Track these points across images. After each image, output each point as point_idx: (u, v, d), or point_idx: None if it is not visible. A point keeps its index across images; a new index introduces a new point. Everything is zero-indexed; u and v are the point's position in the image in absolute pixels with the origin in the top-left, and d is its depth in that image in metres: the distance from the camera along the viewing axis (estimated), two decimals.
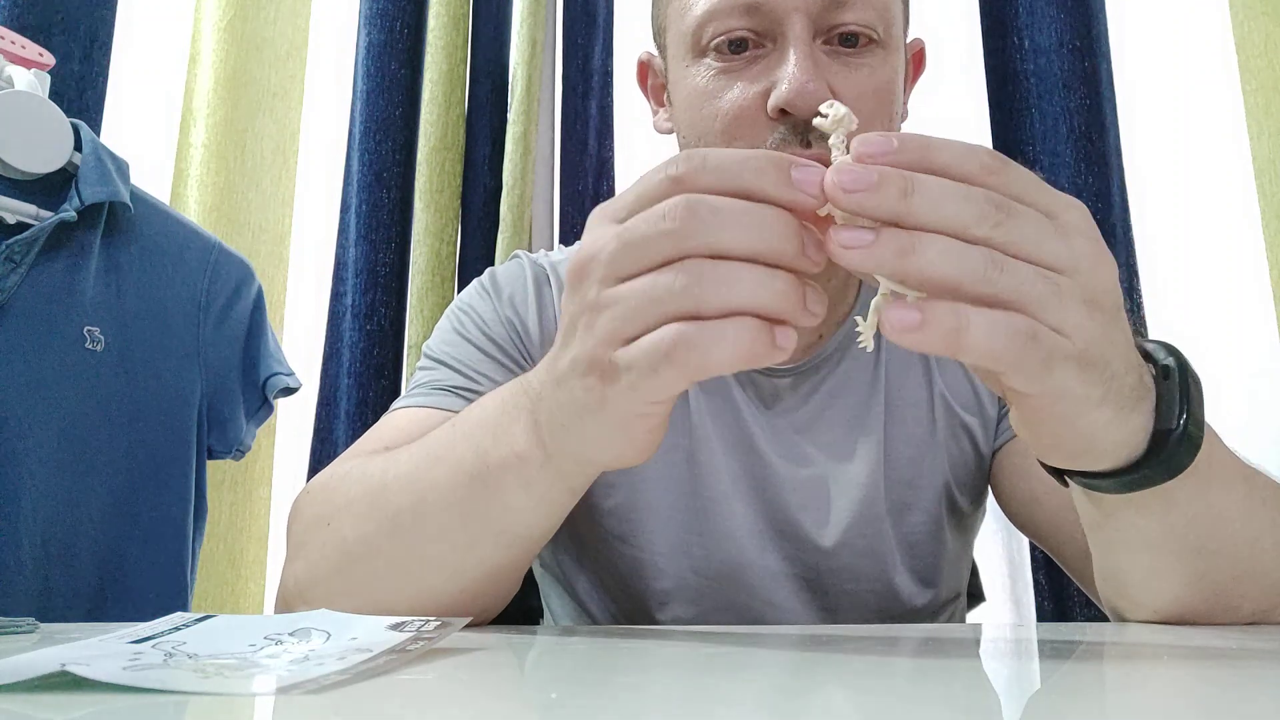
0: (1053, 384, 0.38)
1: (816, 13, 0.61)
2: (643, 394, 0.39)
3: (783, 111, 0.60)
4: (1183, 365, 0.44)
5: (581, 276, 0.40)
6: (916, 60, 0.72)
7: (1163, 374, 0.44)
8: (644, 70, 0.76)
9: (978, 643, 0.52)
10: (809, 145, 0.61)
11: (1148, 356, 0.45)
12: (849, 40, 0.62)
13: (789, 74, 0.59)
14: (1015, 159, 0.39)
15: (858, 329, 0.39)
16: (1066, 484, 0.48)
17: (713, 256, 0.36)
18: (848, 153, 0.38)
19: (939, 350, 0.36)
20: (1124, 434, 0.42)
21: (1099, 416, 0.40)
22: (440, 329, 0.74)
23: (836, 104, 0.41)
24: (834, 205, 0.36)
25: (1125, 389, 0.41)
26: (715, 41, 0.63)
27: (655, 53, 0.74)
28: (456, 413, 0.65)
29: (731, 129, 0.63)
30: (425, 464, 0.52)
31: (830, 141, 0.40)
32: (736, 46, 0.62)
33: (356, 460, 0.59)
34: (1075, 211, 0.38)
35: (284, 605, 0.57)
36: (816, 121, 0.41)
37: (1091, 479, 0.45)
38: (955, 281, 0.35)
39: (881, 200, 0.35)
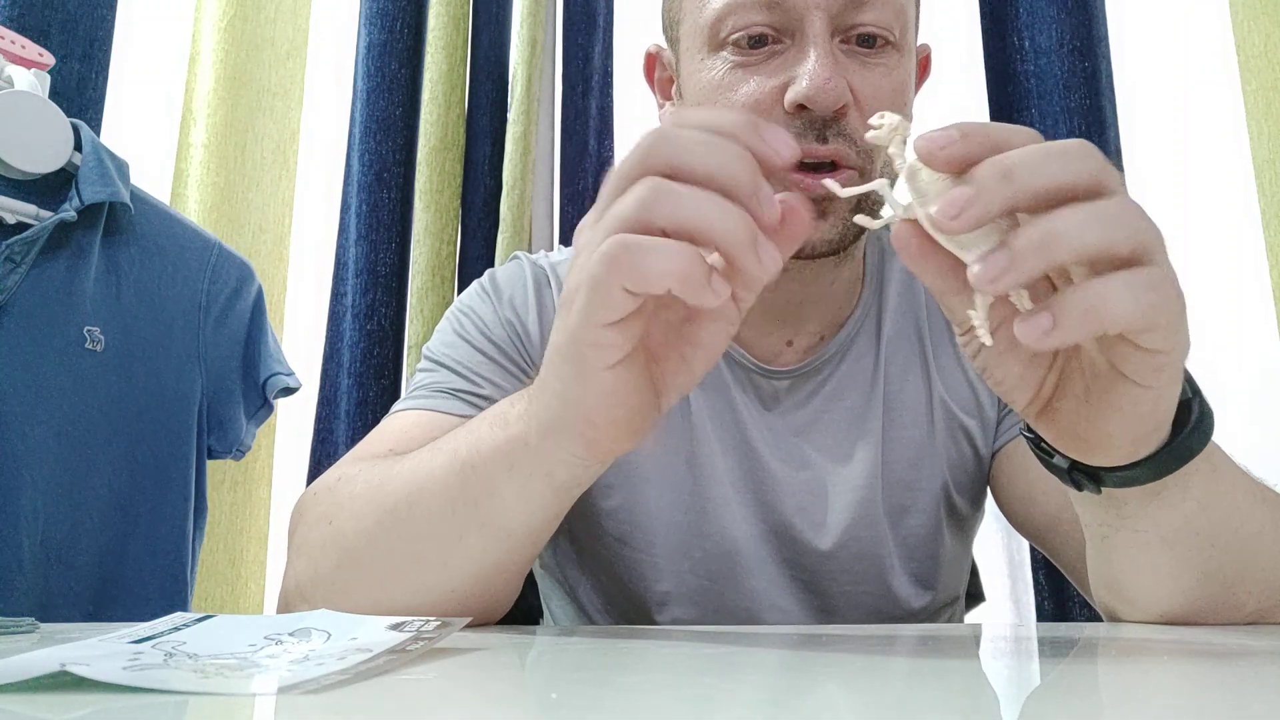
0: (1185, 335, 0.40)
1: (836, 11, 0.61)
2: (591, 311, 0.40)
3: (800, 107, 0.61)
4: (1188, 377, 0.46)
5: (577, 234, 0.41)
6: (923, 66, 0.72)
7: None
8: (651, 62, 0.75)
9: (977, 643, 0.52)
10: (825, 141, 0.61)
11: None
12: (866, 41, 0.63)
13: (809, 70, 0.60)
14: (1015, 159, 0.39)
15: (975, 324, 0.39)
16: (1080, 488, 0.48)
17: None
18: (907, 155, 0.38)
19: (1086, 336, 0.38)
20: (1165, 424, 0.44)
21: (1170, 397, 0.42)
22: (440, 331, 0.74)
23: (886, 114, 0.40)
24: (946, 234, 0.37)
25: (1179, 377, 0.42)
26: (734, 36, 0.63)
27: (664, 45, 0.74)
28: (456, 416, 0.66)
29: None
30: (428, 455, 0.53)
31: (890, 151, 0.40)
32: (755, 42, 0.62)
33: (361, 463, 0.59)
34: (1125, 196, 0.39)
35: (285, 605, 0.57)
36: (870, 135, 0.41)
37: (1128, 471, 0.45)
38: (1087, 228, 0.36)
39: (991, 195, 0.36)
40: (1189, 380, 0.45)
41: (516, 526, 0.51)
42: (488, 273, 0.77)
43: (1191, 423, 0.44)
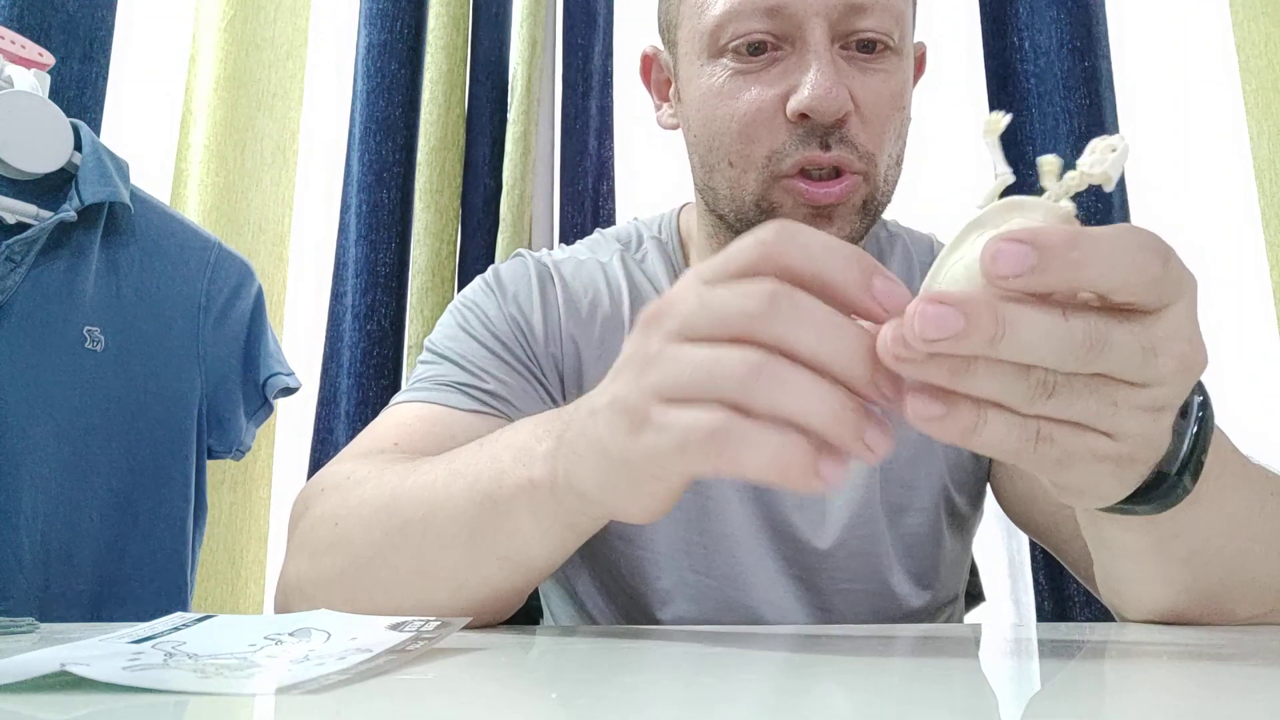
0: (1075, 479, 0.37)
1: (836, 18, 0.61)
2: (664, 462, 0.37)
3: (802, 115, 0.61)
4: (1205, 401, 0.43)
5: (653, 322, 0.38)
6: (919, 63, 0.73)
7: (1180, 410, 0.41)
8: (648, 64, 0.75)
9: (977, 643, 0.52)
10: (827, 148, 0.61)
11: None
12: (866, 46, 0.63)
13: (811, 79, 0.60)
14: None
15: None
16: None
17: (785, 354, 0.34)
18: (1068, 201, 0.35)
19: (951, 440, 0.35)
20: (1120, 493, 0.41)
21: (1118, 491, 0.39)
22: (443, 324, 0.73)
23: (1053, 159, 0.37)
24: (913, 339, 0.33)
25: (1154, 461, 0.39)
26: (734, 43, 0.63)
27: (661, 47, 0.74)
28: (460, 410, 0.66)
29: (748, 130, 0.63)
30: (445, 478, 0.51)
31: (1050, 192, 0.36)
32: (755, 49, 0.62)
33: (367, 461, 0.59)
34: (1184, 303, 0.34)
35: (283, 599, 0.57)
36: (1045, 183, 0.36)
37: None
38: (999, 403, 0.34)
39: (968, 345, 0.32)
40: (1196, 443, 0.41)
41: (535, 560, 0.50)
42: (491, 268, 0.77)
43: (1157, 492, 0.41)
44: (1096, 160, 0.36)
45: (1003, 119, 0.38)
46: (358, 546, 0.53)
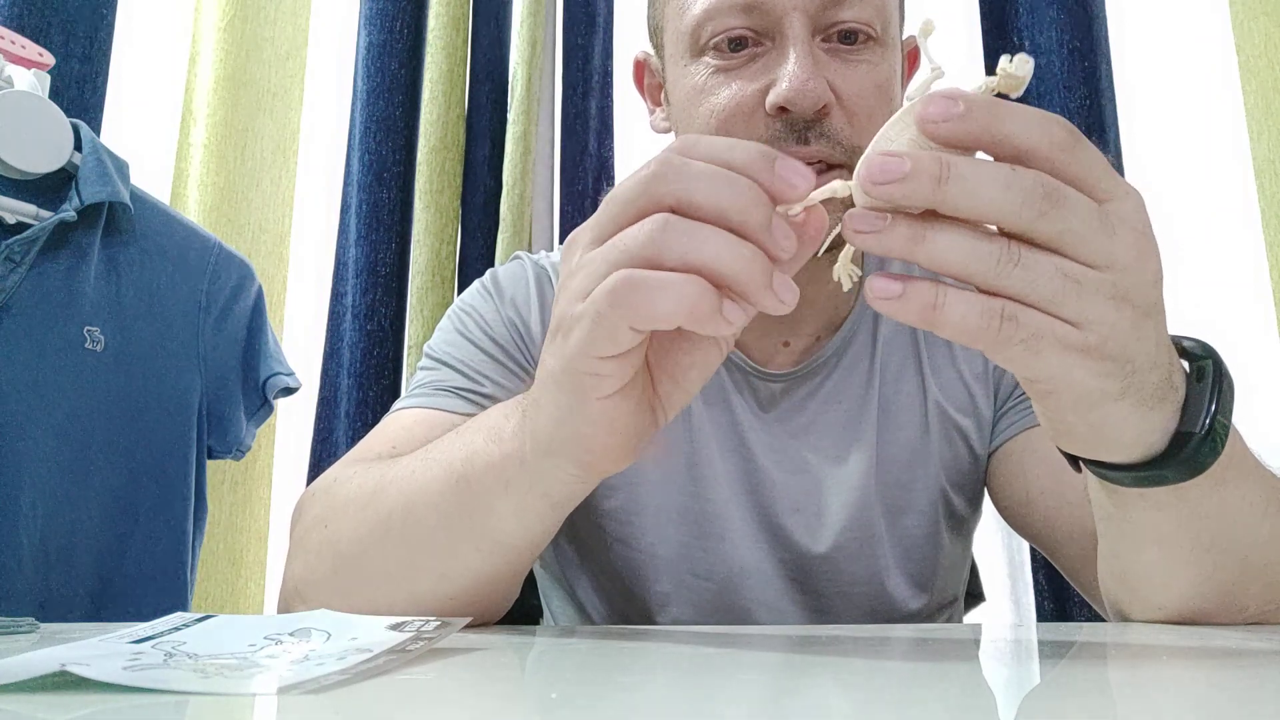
0: (1046, 370, 0.37)
1: (815, 11, 0.61)
2: (591, 344, 0.39)
3: (781, 109, 0.60)
4: (1218, 366, 0.44)
5: (567, 250, 0.40)
6: (911, 58, 0.72)
7: (1196, 374, 0.43)
8: (640, 70, 0.76)
9: (977, 643, 0.52)
10: (807, 143, 0.61)
11: (1184, 353, 0.44)
12: (847, 38, 0.62)
13: (789, 72, 0.60)
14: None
15: (835, 268, 0.40)
16: (1080, 469, 0.48)
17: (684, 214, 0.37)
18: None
19: (914, 322, 0.36)
20: (1142, 430, 0.42)
21: (1116, 410, 0.40)
22: (442, 329, 0.74)
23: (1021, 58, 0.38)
24: (866, 194, 0.35)
25: (1148, 386, 0.40)
26: (714, 40, 0.63)
27: (651, 52, 0.74)
28: (459, 414, 0.66)
29: (728, 125, 0.63)
30: (421, 466, 0.52)
31: (977, 85, 0.38)
32: (735, 45, 0.62)
33: (359, 464, 0.59)
34: (1130, 201, 0.37)
35: (284, 604, 0.57)
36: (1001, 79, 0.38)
37: (1106, 469, 0.45)
38: (965, 275, 0.35)
39: (913, 189, 0.34)
40: (1217, 403, 0.42)
41: (514, 540, 0.50)
42: (489, 272, 0.77)
43: (1184, 454, 0.42)
44: (1017, 65, 0.38)
45: (934, 24, 0.42)
46: (345, 545, 0.53)
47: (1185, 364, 0.44)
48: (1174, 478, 0.43)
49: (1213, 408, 0.42)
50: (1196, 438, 0.42)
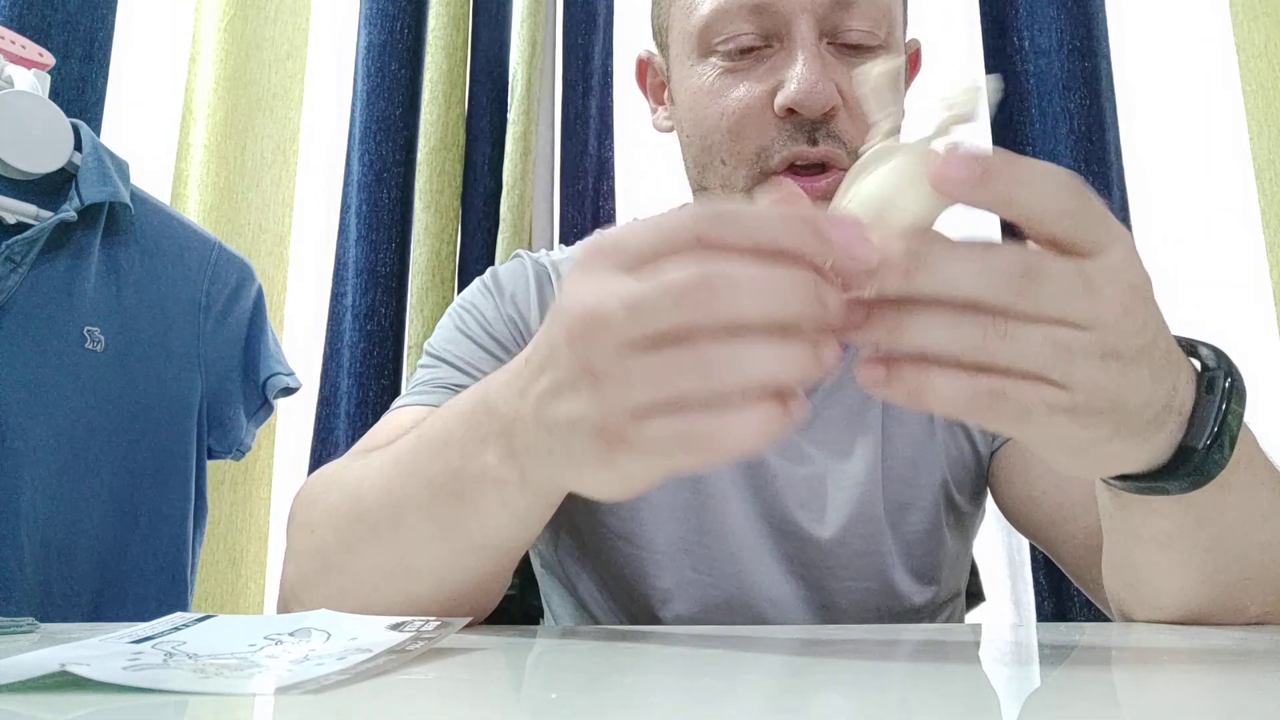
0: (1034, 432, 0.37)
1: (823, 14, 0.61)
2: (654, 468, 0.37)
3: (789, 110, 0.61)
4: (1231, 375, 0.43)
5: (582, 333, 0.36)
6: (913, 61, 0.73)
7: (1206, 385, 0.42)
8: (643, 68, 0.76)
9: (978, 643, 0.52)
10: (815, 143, 0.62)
11: (1195, 354, 0.44)
12: (854, 42, 0.63)
13: (798, 74, 0.60)
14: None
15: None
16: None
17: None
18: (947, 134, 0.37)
19: (903, 403, 0.36)
20: (1138, 457, 0.41)
21: (1108, 449, 0.39)
22: (442, 326, 0.74)
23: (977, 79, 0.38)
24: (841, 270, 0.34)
25: (1139, 423, 0.39)
26: (722, 42, 0.63)
27: (655, 51, 0.74)
28: None
29: (737, 127, 0.63)
30: (398, 479, 0.50)
31: (940, 119, 0.37)
32: (743, 47, 0.63)
33: (344, 463, 0.59)
34: (1117, 250, 0.36)
35: (282, 605, 0.57)
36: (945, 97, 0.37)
37: (1115, 477, 0.45)
38: (952, 355, 0.35)
39: (882, 282, 0.34)
40: (1223, 417, 0.42)
41: (514, 541, 0.50)
42: (490, 270, 0.77)
43: (1187, 468, 0.42)
44: (956, 99, 0.37)
45: (877, 67, 0.41)
46: (333, 550, 0.53)
47: (1197, 364, 0.44)
48: (1176, 489, 0.43)
49: (1218, 422, 0.41)
50: (1200, 452, 0.41)
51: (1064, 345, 0.35)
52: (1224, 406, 0.42)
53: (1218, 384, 0.42)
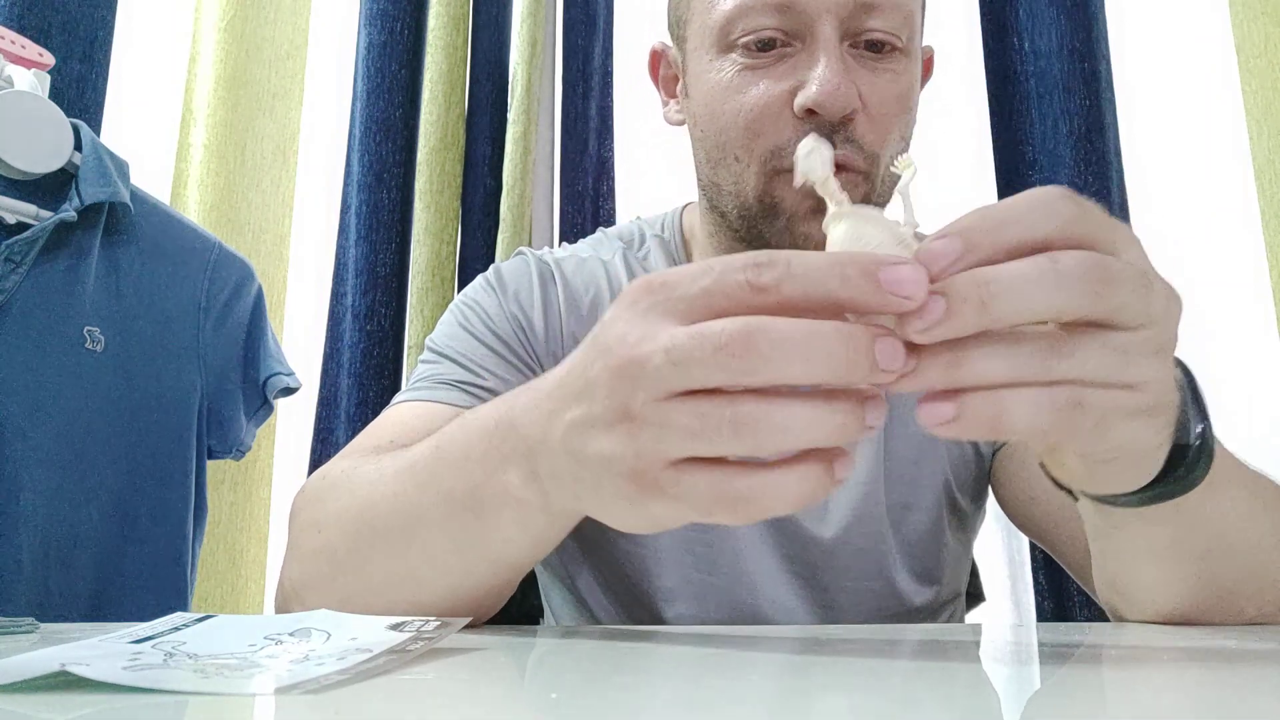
0: (1116, 440, 0.36)
1: (846, 16, 0.61)
2: (683, 515, 0.36)
3: (810, 111, 0.61)
4: (1188, 374, 0.44)
5: (622, 375, 0.35)
6: (926, 67, 0.73)
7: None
8: (656, 60, 0.75)
9: (978, 644, 0.52)
10: (833, 145, 0.61)
11: None
12: (874, 46, 0.63)
13: (819, 75, 0.60)
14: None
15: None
16: (1075, 497, 0.48)
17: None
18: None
19: (980, 437, 0.34)
20: (1159, 459, 0.41)
21: (1159, 453, 0.40)
22: (444, 323, 0.74)
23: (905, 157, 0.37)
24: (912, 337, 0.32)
25: (1174, 419, 0.39)
26: (743, 38, 0.63)
27: (669, 43, 0.74)
28: (459, 408, 0.66)
29: (755, 124, 0.63)
30: (414, 489, 0.50)
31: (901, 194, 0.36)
32: (764, 44, 0.63)
33: (351, 461, 0.59)
34: (1138, 246, 0.35)
35: (282, 603, 0.57)
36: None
37: (1106, 495, 0.45)
38: (1016, 382, 0.33)
39: (960, 324, 0.32)
40: (1202, 412, 0.42)
41: (526, 558, 0.50)
42: (493, 267, 0.77)
43: (1182, 468, 0.42)
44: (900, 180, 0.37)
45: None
46: (341, 553, 0.53)
47: None
48: (1176, 492, 0.43)
49: (1201, 417, 0.42)
50: (1192, 449, 0.41)
51: (1123, 348, 0.33)
52: (1198, 401, 0.42)
53: (1182, 383, 0.42)
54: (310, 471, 1.26)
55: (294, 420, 1.32)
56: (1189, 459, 0.42)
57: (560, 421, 0.39)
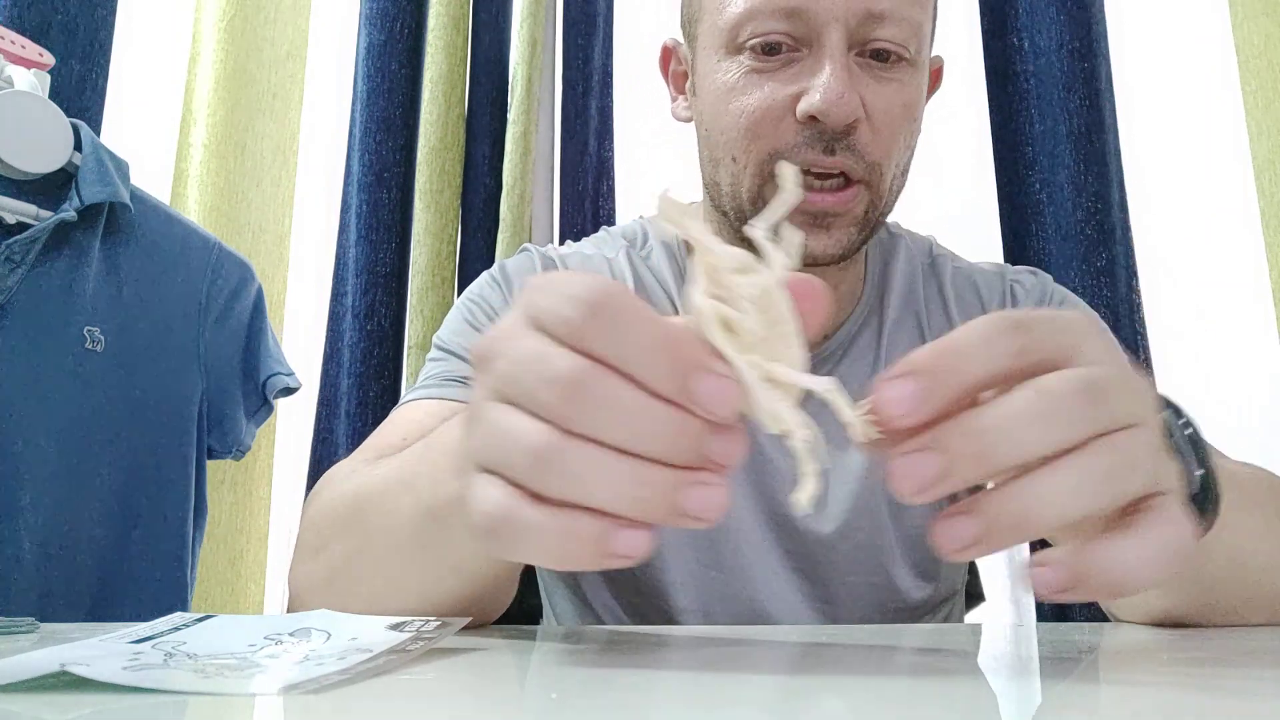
0: (1169, 543, 0.33)
1: (855, 25, 0.62)
2: (477, 539, 0.33)
3: (811, 118, 0.61)
4: (1189, 422, 0.41)
5: (481, 362, 0.34)
6: (934, 77, 0.73)
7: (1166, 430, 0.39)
8: (667, 56, 0.76)
9: (978, 644, 0.52)
10: (833, 153, 0.62)
11: None
12: (881, 55, 0.63)
13: (824, 83, 0.60)
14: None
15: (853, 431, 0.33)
16: None
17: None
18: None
19: (1021, 543, 0.32)
20: None
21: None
22: (450, 320, 0.74)
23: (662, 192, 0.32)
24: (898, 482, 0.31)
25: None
26: (752, 41, 0.63)
27: (681, 40, 0.74)
28: (466, 404, 0.65)
29: (756, 127, 0.64)
30: (396, 484, 0.49)
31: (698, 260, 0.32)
32: (771, 49, 0.63)
33: (355, 463, 0.59)
34: (1091, 341, 0.32)
35: (291, 603, 0.58)
36: (659, 221, 0.32)
37: None
38: (1092, 512, 0.31)
39: (962, 481, 0.31)
40: (1197, 455, 0.40)
41: (487, 570, 0.48)
42: (497, 263, 0.77)
43: (1198, 503, 0.40)
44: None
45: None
46: (335, 555, 0.53)
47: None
48: (1200, 529, 0.41)
49: (1200, 461, 0.39)
50: (1198, 489, 0.40)
51: (1150, 448, 0.32)
52: (1195, 451, 0.39)
53: (1174, 431, 0.40)
54: (310, 471, 1.27)
55: (294, 420, 1.33)
56: (1199, 499, 0.40)
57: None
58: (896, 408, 0.31)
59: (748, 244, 0.33)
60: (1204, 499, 0.40)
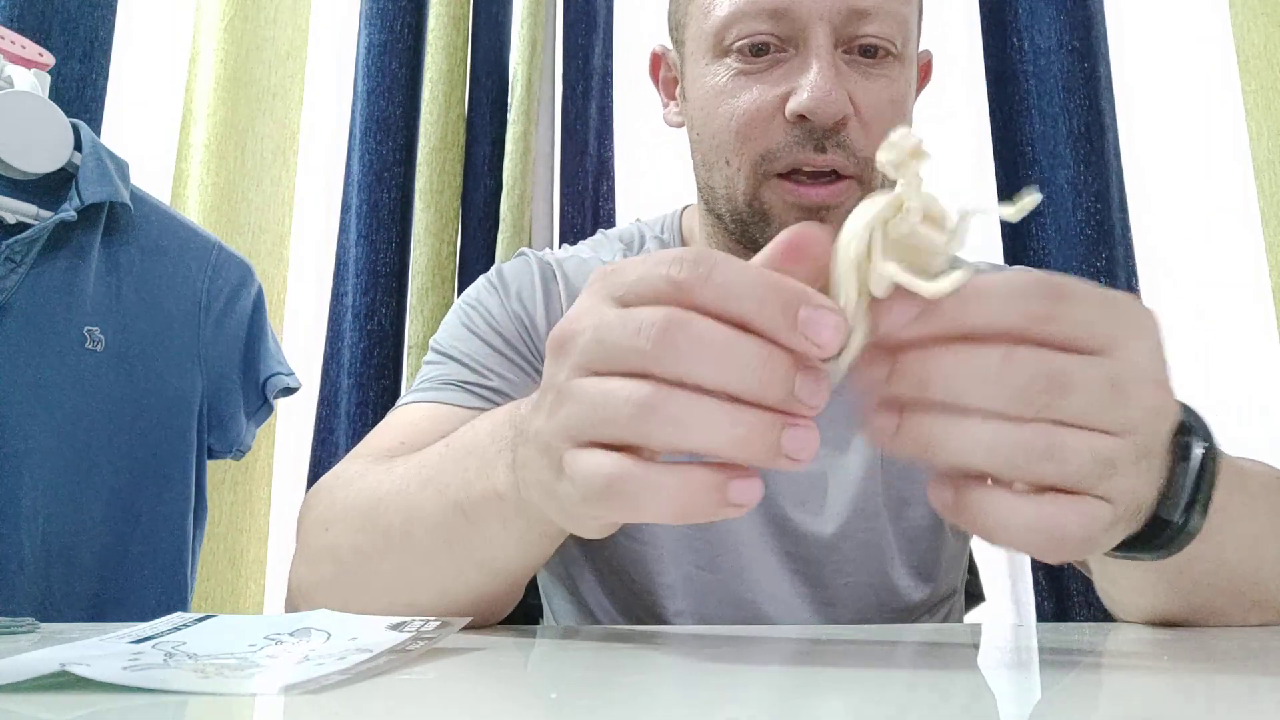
0: (1086, 551, 0.34)
1: (840, 23, 0.62)
2: (582, 509, 0.36)
3: (801, 117, 0.61)
4: (1207, 439, 0.40)
5: (560, 347, 0.36)
6: (924, 72, 0.73)
7: (1180, 453, 0.38)
8: (656, 62, 0.76)
9: (978, 644, 0.52)
10: (823, 151, 0.62)
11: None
12: (868, 51, 0.63)
13: (811, 81, 0.61)
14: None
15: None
16: None
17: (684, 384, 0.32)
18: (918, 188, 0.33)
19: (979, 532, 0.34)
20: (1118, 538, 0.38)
21: (1109, 540, 0.37)
22: (448, 323, 0.74)
23: (902, 131, 0.34)
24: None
25: (1143, 512, 0.37)
26: (738, 43, 0.64)
27: (669, 46, 0.74)
28: (465, 408, 0.66)
29: (746, 129, 0.64)
30: (416, 484, 0.50)
31: (900, 188, 0.34)
32: (758, 50, 0.63)
33: (361, 463, 0.59)
34: (1142, 343, 0.33)
35: (289, 600, 0.58)
36: (881, 161, 0.34)
37: None
38: (994, 473, 0.33)
39: (898, 396, 0.33)
40: (1197, 490, 0.38)
41: (513, 565, 0.49)
42: (495, 267, 0.77)
43: (1159, 540, 0.38)
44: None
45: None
46: (345, 553, 0.53)
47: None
48: (1151, 558, 0.40)
49: (1195, 489, 0.38)
50: (1171, 529, 0.38)
51: (1109, 460, 0.32)
52: (1200, 473, 0.38)
53: (1191, 450, 0.39)
54: (310, 471, 1.27)
55: (294, 420, 1.32)
56: (1165, 535, 0.38)
57: (530, 415, 0.39)
58: (894, 318, 0.32)
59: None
60: (1177, 535, 0.38)
